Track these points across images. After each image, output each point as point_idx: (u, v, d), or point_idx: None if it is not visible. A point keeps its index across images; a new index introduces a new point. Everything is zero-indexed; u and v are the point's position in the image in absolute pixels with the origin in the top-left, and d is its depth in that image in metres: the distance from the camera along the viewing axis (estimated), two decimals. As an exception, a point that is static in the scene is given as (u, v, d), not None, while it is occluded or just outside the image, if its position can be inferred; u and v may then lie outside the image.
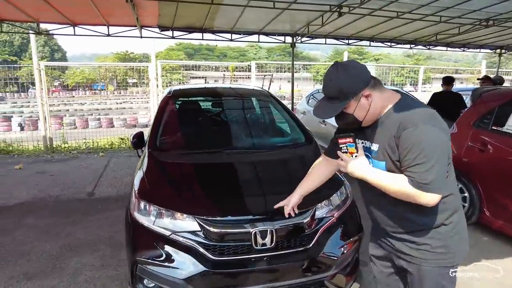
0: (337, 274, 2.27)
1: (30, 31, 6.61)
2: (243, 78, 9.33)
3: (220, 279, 2.03)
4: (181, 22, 6.36)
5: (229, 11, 5.57)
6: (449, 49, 9.16)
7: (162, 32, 6.65)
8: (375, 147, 1.42)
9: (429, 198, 1.27)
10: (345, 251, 2.27)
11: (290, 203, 1.84)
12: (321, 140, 6.36)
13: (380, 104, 1.38)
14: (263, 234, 2.08)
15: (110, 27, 6.35)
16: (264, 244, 2.07)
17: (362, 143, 1.48)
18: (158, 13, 5.56)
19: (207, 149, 2.86)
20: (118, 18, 5.94)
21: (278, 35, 7.38)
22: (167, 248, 2.08)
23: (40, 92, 7.35)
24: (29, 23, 6.37)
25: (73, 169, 6.11)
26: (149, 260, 2.06)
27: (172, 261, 2.04)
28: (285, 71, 10.61)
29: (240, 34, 7.11)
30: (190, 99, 3.90)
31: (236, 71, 9.25)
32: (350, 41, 8.01)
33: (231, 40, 7.10)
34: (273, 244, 2.09)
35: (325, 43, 7.86)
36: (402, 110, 1.34)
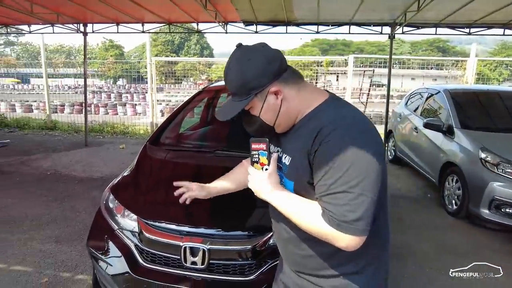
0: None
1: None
2: (339, 73, 8.55)
3: (139, 285, 1.88)
4: (263, 16, 6.25)
5: (303, 1, 5.14)
6: None
7: (246, 27, 6.69)
8: (287, 160, 1.07)
9: (348, 242, 0.92)
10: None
11: (189, 193, 1.54)
12: (412, 150, 5.33)
13: (296, 104, 1.04)
14: (194, 251, 1.83)
15: (199, 24, 6.77)
16: (194, 263, 1.82)
17: (278, 151, 1.13)
18: (235, 7, 5.59)
19: (199, 149, 2.71)
20: (206, 15, 6.26)
21: (374, 25, 6.44)
22: (110, 242, 2.06)
23: (150, 83, 8.47)
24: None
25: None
26: (94, 251, 2.08)
27: (109, 255, 2.02)
28: (400, 66, 9.27)
29: (328, 26, 6.52)
30: (217, 95, 3.77)
31: (331, 66, 8.57)
32: (473, 30, 6.34)
33: (317, 32, 6.59)
34: (204, 265, 1.81)
35: (436, 33, 6.45)
36: (325, 115, 1.00)
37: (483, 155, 3.59)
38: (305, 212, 0.98)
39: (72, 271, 2.81)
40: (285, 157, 1.08)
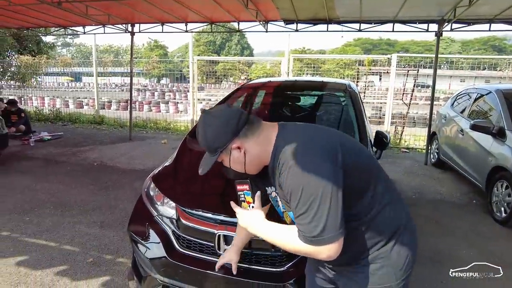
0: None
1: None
2: (381, 73, 8.25)
3: (176, 269, 1.97)
4: (304, 15, 6.22)
5: (345, -2, 5.05)
6: None
7: (286, 26, 6.69)
8: (276, 195, 1.28)
9: (326, 252, 1.05)
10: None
11: (233, 262, 1.74)
12: (457, 154, 5.04)
13: (258, 150, 1.18)
14: (228, 239, 1.89)
15: (240, 23, 6.88)
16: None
17: (276, 191, 1.29)
18: (276, 6, 5.62)
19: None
20: (246, 14, 6.35)
21: (420, 23, 6.15)
22: (150, 228, 2.17)
23: (192, 82, 8.74)
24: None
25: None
26: (134, 235, 2.21)
27: (149, 240, 2.13)
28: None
29: (371, 24, 6.34)
30: (255, 92, 3.81)
31: (373, 65, 8.27)
32: (533, 25, 5.84)
33: (359, 30, 6.42)
34: (237, 253, 1.86)
35: (489, 30, 6.02)
36: (279, 147, 1.14)
37: (538, 160, 3.32)
38: (286, 238, 1.14)
39: (114, 254, 2.99)
40: (276, 193, 1.27)
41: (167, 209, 2.16)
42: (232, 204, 1.31)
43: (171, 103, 16.13)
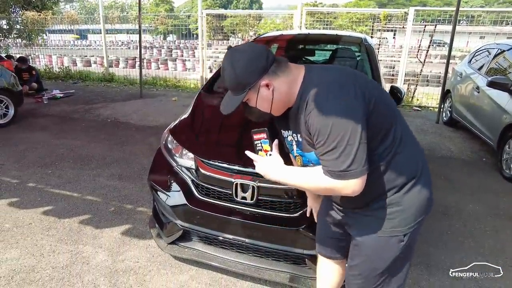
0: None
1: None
2: (396, 29, 7.89)
3: (196, 215, 2.09)
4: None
5: None
6: None
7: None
8: (299, 137, 1.25)
9: (352, 186, 1.08)
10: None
11: (314, 209, 1.74)
12: (470, 112, 4.99)
13: (287, 90, 1.18)
14: (245, 187, 1.98)
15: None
16: (244, 198, 1.99)
17: (291, 134, 1.31)
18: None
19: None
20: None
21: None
22: (170, 177, 2.28)
23: (201, 38, 8.54)
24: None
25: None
26: (156, 184, 2.32)
27: (169, 189, 2.24)
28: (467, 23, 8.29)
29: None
30: (269, 46, 3.73)
31: (389, 20, 7.89)
32: None
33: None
34: (253, 200, 1.97)
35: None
36: (306, 88, 1.15)
37: (554, 117, 3.29)
38: (309, 177, 1.16)
39: (134, 204, 3.16)
40: (297, 135, 1.25)
41: (186, 160, 2.25)
42: (248, 152, 1.29)
43: (178, 61, 15.91)
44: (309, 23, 8.54)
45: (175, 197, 2.18)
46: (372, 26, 8.18)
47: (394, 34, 9.84)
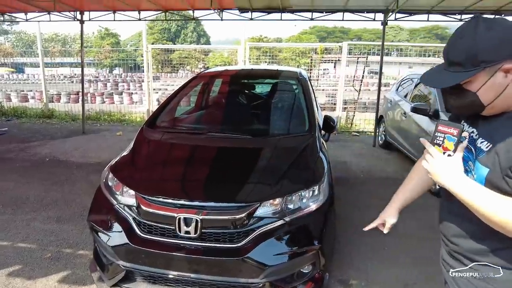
0: (273, 284, 2.00)
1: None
2: (336, 61, 8.61)
3: (138, 254, 2.05)
4: (258, 3, 6.30)
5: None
6: None
7: (241, 14, 6.75)
8: (485, 145, 1.00)
9: None
10: (284, 261, 1.97)
11: (388, 222, 1.42)
12: (401, 135, 5.48)
13: None
14: (188, 221, 1.99)
15: (195, 11, 6.82)
16: (188, 232, 1.99)
17: (472, 133, 1.06)
18: (230, -6, 5.65)
19: (192, 130, 2.85)
20: (201, 2, 6.31)
21: (367, 12, 6.51)
22: (111, 216, 2.21)
23: (147, 72, 8.53)
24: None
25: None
26: (95, 225, 2.23)
27: (110, 228, 2.17)
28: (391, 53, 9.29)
29: (322, 13, 6.59)
30: (212, 81, 3.90)
31: (327, 53, 8.62)
32: (464, 16, 6.43)
33: (311, 19, 6.65)
34: (197, 233, 1.98)
35: (428, 20, 6.54)
36: None
37: (465, 137, 3.75)
38: (495, 204, 0.90)
39: (73, 247, 2.97)
40: (482, 142, 1.01)
41: (126, 198, 2.21)
42: (424, 141, 1.05)
43: (125, 94, 15.58)
44: (255, 56, 8.96)
45: (116, 237, 2.12)
46: (311, 58, 8.80)
47: (335, 65, 10.67)
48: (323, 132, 2.97)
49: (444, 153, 1.01)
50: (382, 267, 2.72)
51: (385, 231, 1.41)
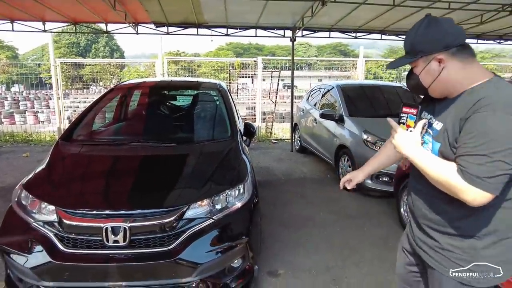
0: (206, 281, 2.11)
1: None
2: (249, 76, 9.13)
3: (64, 271, 1.97)
4: (174, 18, 6.42)
5: (211, 4, 5.48)
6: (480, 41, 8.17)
7: (157, 29, 6.77)
8: (438, 125, 1.23)
9: (474, 195, 1.05)
10: (215, 258, 2.09)
11: (354, 179, 1.65)
12: (313, 139, 6.05)
13: (456, 77, 1.17)
14: (116, 230, 1.99)
15: (108, 24, 6.62)
16: (116, 241, 1.99)
17: (430, 119, 1.30)
18: (144, 9, 5.64)
19: (113, 142, 2.83)
20: (115, 15, 6.15)
21: (277, 29, 7.11)
22: (27, 236, 2.08)
23: (56, 88, 7.89)
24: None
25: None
26: (8, 247, 2.07)
27: (27, 249, 2.04)
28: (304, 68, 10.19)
29: (236, 29, 6.98)
30: (130, 93, 3.89)
31: (243, 67, 9.09)
32: (358, 34, 7.47)
33: (226, 34, 7.00)
34: (126, 242, 1.99)
35: (329, 37, 7.42)
36: (485, 91, 1.11)
37: (365, 136, 4.37)
38: (440, 167, 1.13)
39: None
40: (437, 123, 1.24)
41: (45, 214, 2.12)
42: (390, 120, 1.30)
43: (29, 113, 14.02)
44: (173, 70, 8.96)
45: (35, 257, 2.01)
46: (229, 73, 9.16)
47: (252, 80, 11.22)
48: (244, 137, 3.20)
49: (407, 129, 1.27)
50: (306, 256, 3.01)
51: (349, 187, 1.67)
